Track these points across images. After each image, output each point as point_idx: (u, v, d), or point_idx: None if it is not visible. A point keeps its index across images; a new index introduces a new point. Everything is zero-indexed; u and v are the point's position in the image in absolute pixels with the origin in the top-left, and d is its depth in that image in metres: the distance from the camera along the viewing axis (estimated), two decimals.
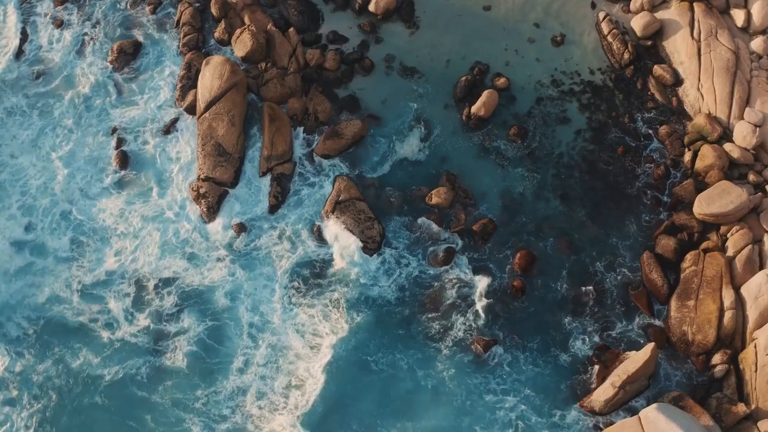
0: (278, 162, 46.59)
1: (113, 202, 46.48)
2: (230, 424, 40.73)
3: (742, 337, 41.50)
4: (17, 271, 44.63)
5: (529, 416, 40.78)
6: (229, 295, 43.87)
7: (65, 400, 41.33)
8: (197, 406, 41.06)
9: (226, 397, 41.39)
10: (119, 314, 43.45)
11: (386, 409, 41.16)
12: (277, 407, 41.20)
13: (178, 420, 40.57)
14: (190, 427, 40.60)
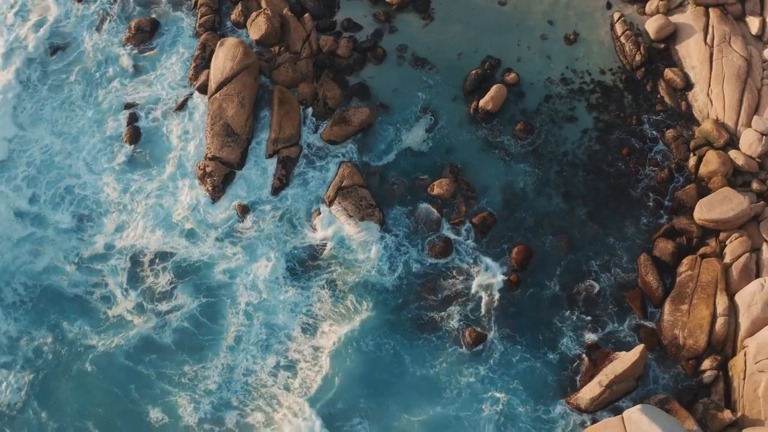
0: (285, 145, 46.83)
1: (118, 178, 46.82)
2: (216, 399, 41.08)
3: (733, 345, 41.18)
4: (19, 239, 45.07)
5: (514, 408, 40.83)
6: (227, 273, 44.18)
7: (57, 366, 41.95)
8: (184, 381, 41.46)
9: (213, 373, 41.70)
10: (115, 288, 43.94)
11: (371, 390, 41.44)
12: (265, 384, 41.52)
13: (163, 392, 41.02)
14: (176, 400, 40.94)
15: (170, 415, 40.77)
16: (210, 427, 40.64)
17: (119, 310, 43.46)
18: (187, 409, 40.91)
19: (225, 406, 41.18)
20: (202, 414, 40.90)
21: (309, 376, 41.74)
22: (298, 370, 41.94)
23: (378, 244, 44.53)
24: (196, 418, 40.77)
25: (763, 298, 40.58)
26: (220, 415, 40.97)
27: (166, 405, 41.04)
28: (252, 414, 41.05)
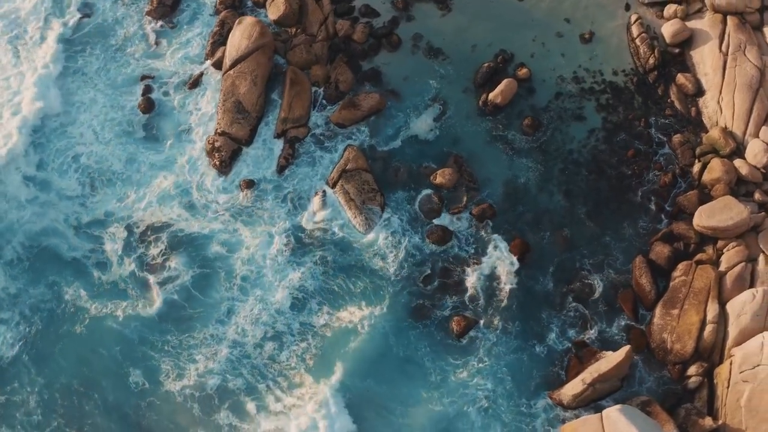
0: (293, 125, 47.08)
1: (127, 148, 47.36)
2: (200, 367, 41.67)
3: (721, 353, 40.77)
4: (24, 202, 45.66)
5: (497, 398, 40.87)
6: (225, 245, 44.62)
7: (49, 324, 42.72)
8: (168, 348, 42.13)
9: (200, 343, 42.34)
10: (112, 255, 44.50)
11: (355, 367, 41.73)
12: (250, 356, 42.03)
13: (145, 356, 41.80)
14: (159, 365, 41.69)
15: (151, 380, 41.46)
16: (191, 392, 41.17)
17: (113, 276, 44.03)
18: (170, 375, 41.52)
19: (208, 373, 41.65)
20: (186, 381, 41.48)
21: (294, 351, 42.15)
22: (284, 343, 42.34)
23: (377, 229, 44.71)
24: (179, 385, 41.37)
25: (753, 308, 40.19)
26: (202, 381, 41.46)
27: (148, 369, 41.70)
28: (233, 381, 41.52)
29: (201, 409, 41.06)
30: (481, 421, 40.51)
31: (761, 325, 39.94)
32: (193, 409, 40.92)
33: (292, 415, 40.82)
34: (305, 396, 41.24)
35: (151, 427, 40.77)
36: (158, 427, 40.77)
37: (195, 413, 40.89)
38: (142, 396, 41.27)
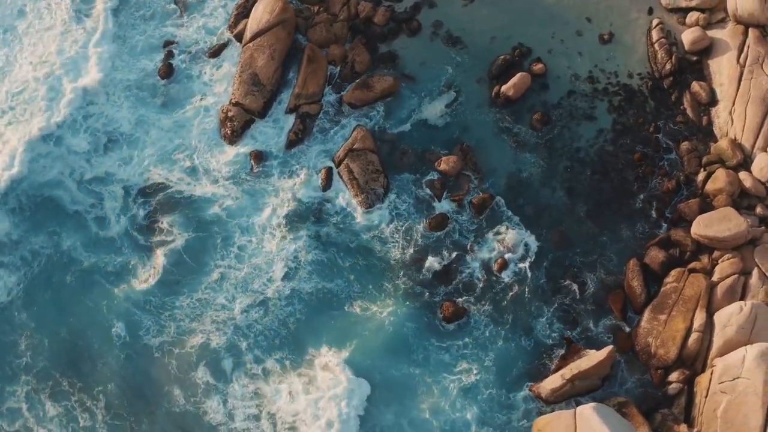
0: (306, 101, 47.22)
1: (138, 111, 47.94)
2: (182, 325, 42.56)
3: (704, 362, 40.33)
4: (36, 155, 46.58)
5: (479, 384, 41.00)
6: (225, 211, 45.15)
7: (44, 272, 43.84)
8: (150, 308, 43.03)
9: (186, 304, 43.03)
10: (110, 212, 45.28)
11: (337, 337, 42.31)
12: (234, 318, 42.72)
13: (129, 312, 42.67)
14: (140, 320, 42.55)
15: (132, 334, 42.35)
16: (170, 348, 42.04)
17: (110, 233, 44.87)
18: (150, 331, 42.36)
19: (189, 332, 42.44)
20: (165, 337, 42.33)
21: (279, 316, 42.66)
22: (270, 309, 42.93)
23: (377, 209, 44.84)
24: (158, 341, 42.20)
25: (739, 320, 39.62)
26: (183, 339, 42.29)
27: (131, 324, 42.57)
28: (215, 340, 42.27)
29: (178, 365, 41.79)
30: (461, 404, 40.58)
31: (746, 338, 39.41)
32: (170, 366, 41.72)
33: (270, 380, 41.41)
34: (285, 359, 41.82)
35: (130, 378, 41.66)
36: (136, 379, 41.62)
37: (172, 369, 41.66)
38: (122, 348, 42.20)
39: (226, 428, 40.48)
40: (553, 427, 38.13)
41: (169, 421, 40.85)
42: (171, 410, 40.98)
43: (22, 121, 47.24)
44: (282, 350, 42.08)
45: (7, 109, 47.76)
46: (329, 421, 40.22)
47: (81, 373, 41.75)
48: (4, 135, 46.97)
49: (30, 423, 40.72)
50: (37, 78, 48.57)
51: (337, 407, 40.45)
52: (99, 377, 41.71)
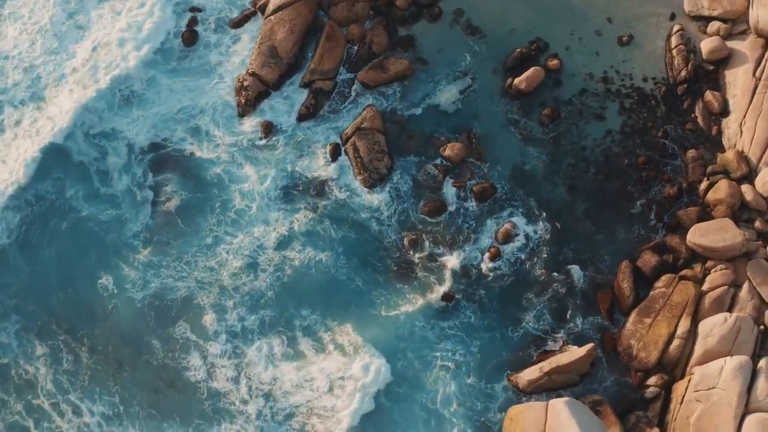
0: (321, 77, 47.25)
1: (155, 72, 48.49)
2: (167, 281, 43.23)
3: (683, 369, 39.98)
4: None
5: (460, 367, 41.04)
6: (226, 174, 45.66)
7: (43, 217, 44.71)
8: (137, 264, 43.76)
9: (174, 263, 43.71)
10: (113, 166, 45.97)
11: (322, 303, 42.68)
12: (220, 279, 43.30)
13: (117, 265, 43.51)
14: (128, 274, 43.26)
15: (119, 286, 43.10)
16: (151, 301, 42.75)
17: (110, 187, 45.50)
18: (136, 285, 43.14)
19: (171, 289, 43.07)
20: (149, 290, 43.11)
21: (266, 279, 43.11)
22: (259, 274, 43.37)
23: (377, 189, 44.89)
24: (141, 294, 42.93)
25: (721, 331, 39.11)
26: (167, 295, 42.97)
27: (118, 277, 43.31)
28: (200, 297, 42.89)
29: (159, 320, 42.51)
30: (442, 385, 40.73)
31: (726, 350, 38.90)
32: (152, 319, 42.48)
33: (252, 343, 41.94)
34: (266, 317, 42.45)
35: (114, 328, 42.48)
36: (120, 329, 42.44)
37: (151, 323, 42.43)
38: (109, 298, 42.97)
39: (205, 386, 41.01)
40: (525, 417, 38.06)
41: (150, 372, 41.52)
42: (152, 362, 41.69)
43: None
44: (266, 313, 42.50)
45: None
46: (310, 386, 40.91)
47: (67, 318, 42.62)
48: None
49: (19, 359, 41.73)
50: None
51: (324, 376, 40.96)
52: (84, 323, 42.52)
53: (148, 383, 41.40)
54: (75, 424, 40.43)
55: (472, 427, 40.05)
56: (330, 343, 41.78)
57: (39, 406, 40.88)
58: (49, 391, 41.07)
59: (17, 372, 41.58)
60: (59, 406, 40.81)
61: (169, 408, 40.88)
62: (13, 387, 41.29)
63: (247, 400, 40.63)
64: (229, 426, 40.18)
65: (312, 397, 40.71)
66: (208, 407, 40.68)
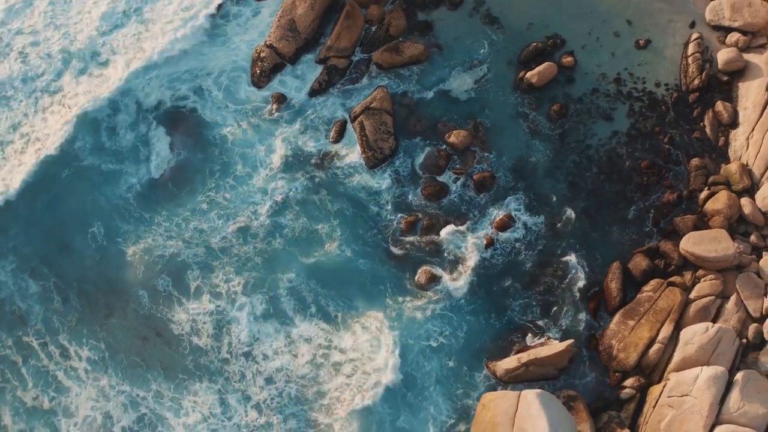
0: (336, 54, 47.29)
1: (175, 36, 49.08)
2: (159, 239, 43.97)
3: (661, 374, 39.62)
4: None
5: (442, 348, 41.01)
6: (231, 136, 46.17)
7: (45, 165, 45.76)
8: (130, 219, 44.59)
9: (164, 221, 44.40)
10: (121, 123, 46.74)
11: (312, 272, 42.93)
12: (208, 241, 43.83)
13: (110, 217, 44.21)
14: (121, 226, 44.11)
15: (109, 237, 43.90)
16: (140, 255, 43.37)
17: (117, 141, 46.39)
18: (127, 238, 43.88)
19: (160, 246, 43.71)
20: (139, 245, 43.83)
21: (256, 244, 43.59)
22: (249, 240, 43.81)
23: (379, 169, 44.93)
24: (131, 248, 43.67)
25: (701, 340, 38.59)
26: (156, 251, 43.64)
27: (109, 228, 44.14)
28: (186, 256, 43.49)
29: (144, 272, 43.06)
30: (421, 363, 40.82)
31: (705, 359, 38.40)
32: (137, 270, 43.12)
33: (235, 303, 42.46)
34: (251, 279, 42.89)
35: (103, 275, 43.28)
36: (108, 276, 43.20)
37: (139, 275, 43.05)
38: (99, 248, 43.78)
39: (188, 342, 41.60)
40: (497, 404, 37.96)
41: (135, 322, 42.34)
42: (138, 313, 42.50)
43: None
44: (251, 275, 42.99)
45: None
46: (290, 350, 41.24)
47: (60, 262, 43.67)
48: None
49: (15, 296, 42.78)
50: None
51: (305, 345, 41.26)
52: (75, 269, 43.48)
53: (133, 332, 42.21)
54: (62, 366, 41.31)
55: (451, 408, 40.05)
56: (314, 311, 42.03)
57: (28, 343, 41.92)
58: (39, 330, 42.16)
59: (11, 308, 42.70)
60: (48, 347, 41.78)
61: (154, 359, 41.53)
62: (5, 322, 42.39)
63: (228, 359, 41.12)
64: (211, 385, 40.70)
65: (292, 362, 41.05)
66: (190, 363, 41.29)
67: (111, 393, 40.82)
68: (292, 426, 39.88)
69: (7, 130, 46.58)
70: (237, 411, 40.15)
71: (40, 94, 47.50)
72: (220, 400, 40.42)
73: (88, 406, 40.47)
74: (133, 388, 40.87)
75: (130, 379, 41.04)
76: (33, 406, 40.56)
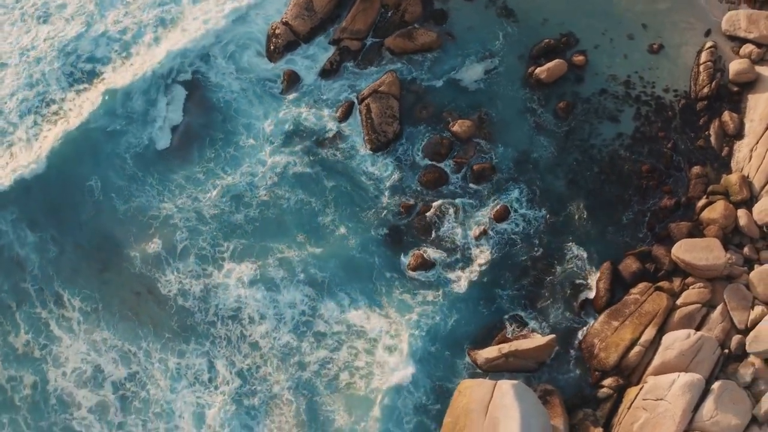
0: (350, 36, 47.19)
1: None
2: (153, 202, 44.46)
3: (640, 376, 39.23)
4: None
5: (428, 331, 40.97)
6: (237, 102, 46.46)
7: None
8: (125, 176, 44.96)
9: (159, 182, 44.84)
10: (135, 88, 47.00)
11: (304, 246, 43.07)
12: (200, 206, 44.21)
13: (107, 174, 44.54)
14: (117, 184, 44.45)
15: (105, 193, 44.25)
16: (133, 213, 43.90)
17: (127, 111, 46.40)
18: (121, 195, 44.36)
19: (152, 207, 44.12)
20: (132, 203, 44.29)
21: (249, 213, 43.83)
22: (242, 209, 44.04)
23: (380, 152, 44.82)
24: (124, 206, 44.18)
25: (681, 347, 38.09)
26: (145, 209, 44.11)
27: (106, 185, 44.48)
28: (177, 219, 43.80)
29: (137, 231, 43.53)
30: (412, 341, 40.76)
31: (683, 365, 37.91)
32: (131, 231, 43.56)
33: (219, 263, 42.81)
34: (239, 246, 43.16)
35: (96, 230, 43.67)
36: (102, 232, 43.63)
37: (131, 233, 43.50)
38: (95, 204, 44.21)
39: (174, 302, 41.94)
40: (473, 392, 37.77)
41: (127, 279, 42.63)
42: (129, 270, 42.80)
43: None
44: (240, 242, 43.25)
45: None
46: (276, 317, 41.52)
47: (57, 213, 44.01)
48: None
49: (14, 244, 43.28)
50: None
51: (290, 309, 41.54)
52: (71, 221, 43.80)
53: (125, 288, 42.53)
54: (55, 314, 41.86)
55: (429, 390, 40.08)
56: (302, 279, 42.21)
57: (25, 289, 42.42)
58: (35, 277, 42.66)
59: (10, 254, 43.18)
60: (43, 293, 42.32)
61: (144, 316, 41.90)
62: (3, 267, 42.93)
63: (214, 322, 41.49)
64: (198, 347, 41.08)
65: (277, 328, 41.31)
66: (176, 324, 41.63)
67: (102, 347, 41.19)
68: (276, 392, 40.09)
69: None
70: (222, 375, 40.49)
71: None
72: (208, 363, 40.79)
73: (79, 359, 40.93)
74: (125, 343, 41.22)
75: (121, 333, 41.39)
76: (24, 353, 41.08)
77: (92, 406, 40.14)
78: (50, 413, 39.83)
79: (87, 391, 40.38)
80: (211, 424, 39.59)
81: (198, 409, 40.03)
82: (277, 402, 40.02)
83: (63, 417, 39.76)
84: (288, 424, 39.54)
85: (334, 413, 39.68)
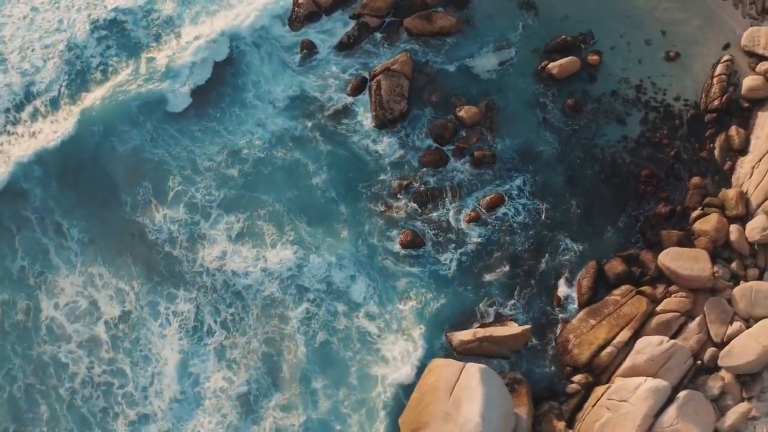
0: (370, 13, 46.84)
1: None
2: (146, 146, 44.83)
3: (609, 376, 38.77)
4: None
5: (414, 295, 41.17)
6: (246, 69, 46.51)
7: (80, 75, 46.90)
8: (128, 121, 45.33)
9: (155, 132, 45.15)
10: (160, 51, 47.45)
11: (296, 207, 43.23)
12: (195, 158, 44.50)
13: (110, 118, 44.80)
14: (118, 127, 44.64)
15: (105, 136, 44.51)
16: (129, 155, 44.08)
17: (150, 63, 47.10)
18: (121, 138, 44.56)
19: (146, 151, 44.43)
20: (128, 145, 44.58)
21: (245, 169, 44.05)
22: (236, 164, 44.18)
23: (385, 129, 44.58)
24: (122, 147, 44.40)
25: (652, 352, 37.53)
26: (143, 157, 44.36)
27: (108, 127, 44.72)
28: (170, 166, 44.08)
29: (130, 172, 43.78)
30: (397, 314, 40.85)
31: (652, 371, 37.34)
32: (124, 169, 43.89)
33: (207, 212, 43.13)
34: (229, 196, 43.45)
35: (95, 167, 43.97)
36: (101, 169, 43.96)
37: (126, 174, 43.81)
38: (97, 143, 44.32)
39: (163, 249, 42.33)
40: (441, 371, 37.73)
41: (122, 217, 43.06)
42: (124, 209, 43.17)
43: None
44: (230, 193, 43.49)
45: None
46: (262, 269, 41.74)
47: (58, 148, 44.41)
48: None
49: (20, 180, 43.68)
50: None
51: (278, 264, 41.81)
52: (72, 157, 44.12)
53: (121, 225, 42.93)
54: (55, 242, 42.40)
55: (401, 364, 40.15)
56: (288, 237, 42.40)
57: (27, 217, 43.01)
58: (36, 208, 43.17)
59: (15, 186, 43.66)
60: (44, 221, 42.85)
61: (136, 257, 42.34)
62: (8, 196, 43.46)
63: (201, 272, 41.83)
64: (185, 293, 41.46)
65: (262, 280, 41.56)
66: (164, 268, 41.99)
67: (99, 282, 41.71)
68: (255, 346, 40.43)
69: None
70: (208, 326, 40.92)
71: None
72: (196, 310, 41.23)
73: (74, 291, 41.55)
74: (119, 281, 41.73)
75: (115, 271, 41.97)
76: (19, 278, 41.77)
77: (83, 341, 40.66)
78: (39, 343, 40.44)
79: (79, 325, 40.94)
80: (193, 372, 40.14)
81: (183, 356, 40.47)
82: (255, 355, 40.30)
83: (51, 348, 40.35)
84: (265, 379, 39.93)
85: (312, 373, 39.88)
